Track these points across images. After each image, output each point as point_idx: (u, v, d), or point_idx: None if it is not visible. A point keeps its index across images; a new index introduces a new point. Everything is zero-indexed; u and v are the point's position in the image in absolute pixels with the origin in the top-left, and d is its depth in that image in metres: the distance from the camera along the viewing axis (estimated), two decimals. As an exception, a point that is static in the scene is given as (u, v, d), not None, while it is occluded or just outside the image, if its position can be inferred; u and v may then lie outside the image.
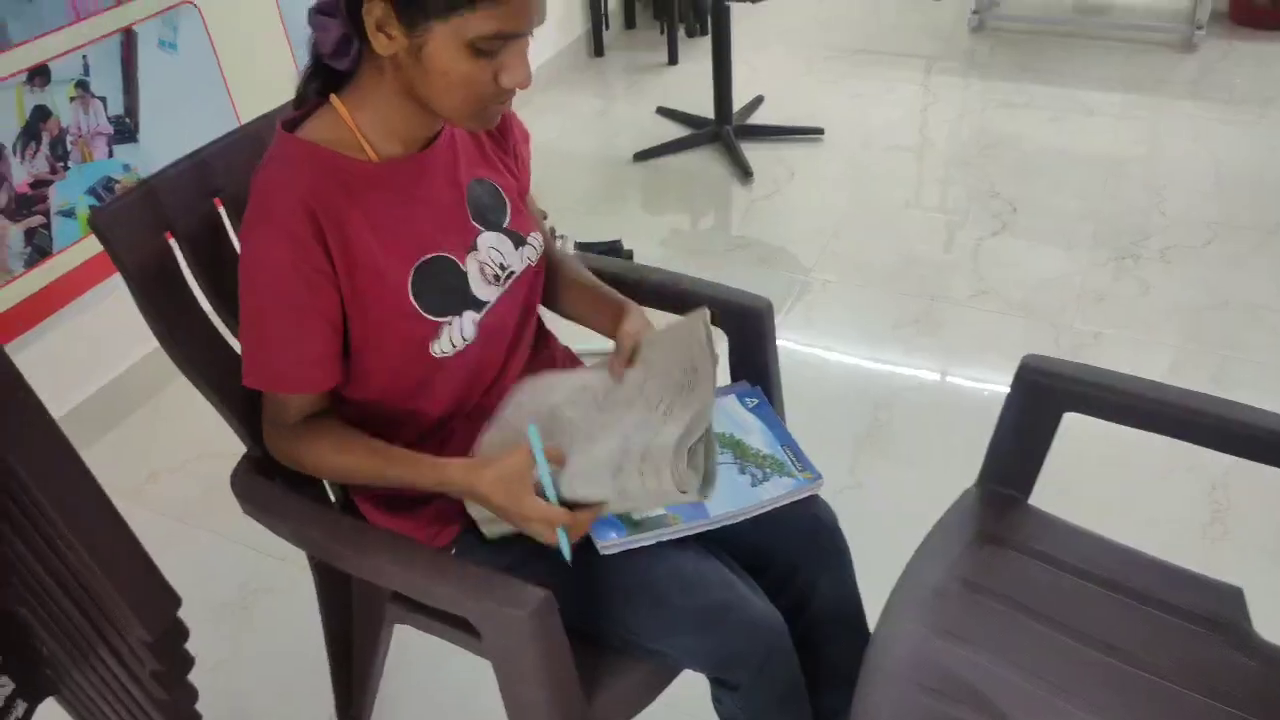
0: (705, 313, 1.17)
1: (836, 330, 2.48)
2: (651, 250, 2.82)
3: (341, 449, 1.09)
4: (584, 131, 3.58)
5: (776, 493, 1.17)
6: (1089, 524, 1.31)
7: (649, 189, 3.20)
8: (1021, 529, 1.30)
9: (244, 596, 1.88)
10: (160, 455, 2.24)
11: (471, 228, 1.15)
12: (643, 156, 3.33)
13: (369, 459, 1.08)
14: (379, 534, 1.13)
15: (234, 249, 1.17)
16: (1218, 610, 1.21)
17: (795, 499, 1.19)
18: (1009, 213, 2.88)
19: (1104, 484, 1.96)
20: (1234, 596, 1.23)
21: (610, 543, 1.10)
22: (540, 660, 1.01)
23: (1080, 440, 1.52)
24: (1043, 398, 1.25)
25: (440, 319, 1.10)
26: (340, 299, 1.05)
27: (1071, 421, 1.27)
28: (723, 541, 1.17)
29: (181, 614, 0.82)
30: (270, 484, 1.18)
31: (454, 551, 1.18)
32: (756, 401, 1.32)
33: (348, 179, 1.05)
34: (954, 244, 2.77)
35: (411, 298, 1.08)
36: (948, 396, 2.26)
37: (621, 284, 1.36)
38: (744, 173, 3.17)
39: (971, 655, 1.15)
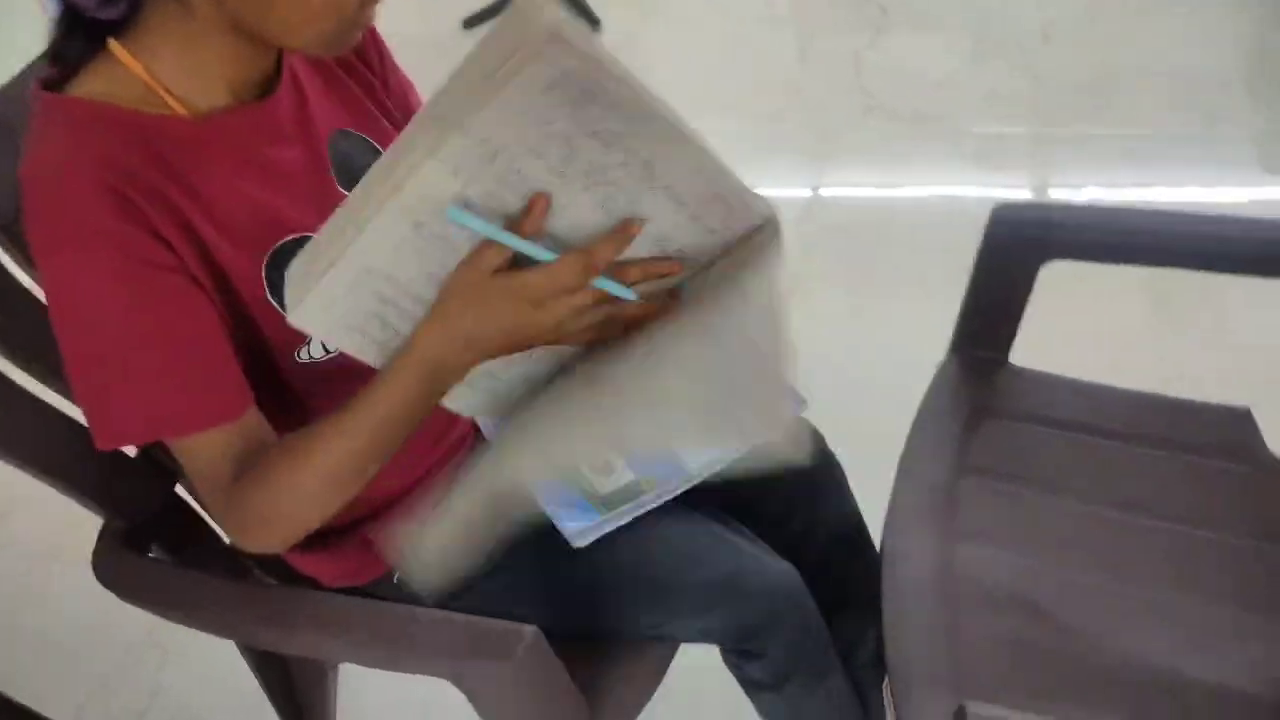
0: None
1: (759, 167, 2.28)
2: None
3: (308, 448, 0.77)
4: (400, 2, 3.16)
5: None
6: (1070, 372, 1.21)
7: (487, 60, 2.86)
8: (1011, 394, 1.18)
9: (152, 632, 1.65)
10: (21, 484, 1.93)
11: (338, 194, 0.89)
12: (474, 22, 2.97)
13: (341, 428, 0.76)
14: (306, 601, 0.91)
15: (13, 278, 0.90)
16: (1231, 437, 1.13)
17: None
18: (880, 17, 2.69)
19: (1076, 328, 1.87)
20: (1243, 419, 1.15)
21: (582, 530, 0.92)
22: (538, 706, 0.85)
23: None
24: (1021, 250, 1.11)
25: None
26: (201, 287, 0.78)
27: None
28: (707, 496, 1.01)
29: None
30: (145, 560, 0.94)
31: (396, 579, 0.99)
32: None
33: (158, 145, 0.76)
34: (833, 61, 2.57)
35: (269, 294, 0.83)
36: (864, 226, 2.12)
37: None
38: (590, 21, 2.87)
39: (995, 553, 1.05)
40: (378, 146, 0.92)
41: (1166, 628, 0.99)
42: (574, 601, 0.96)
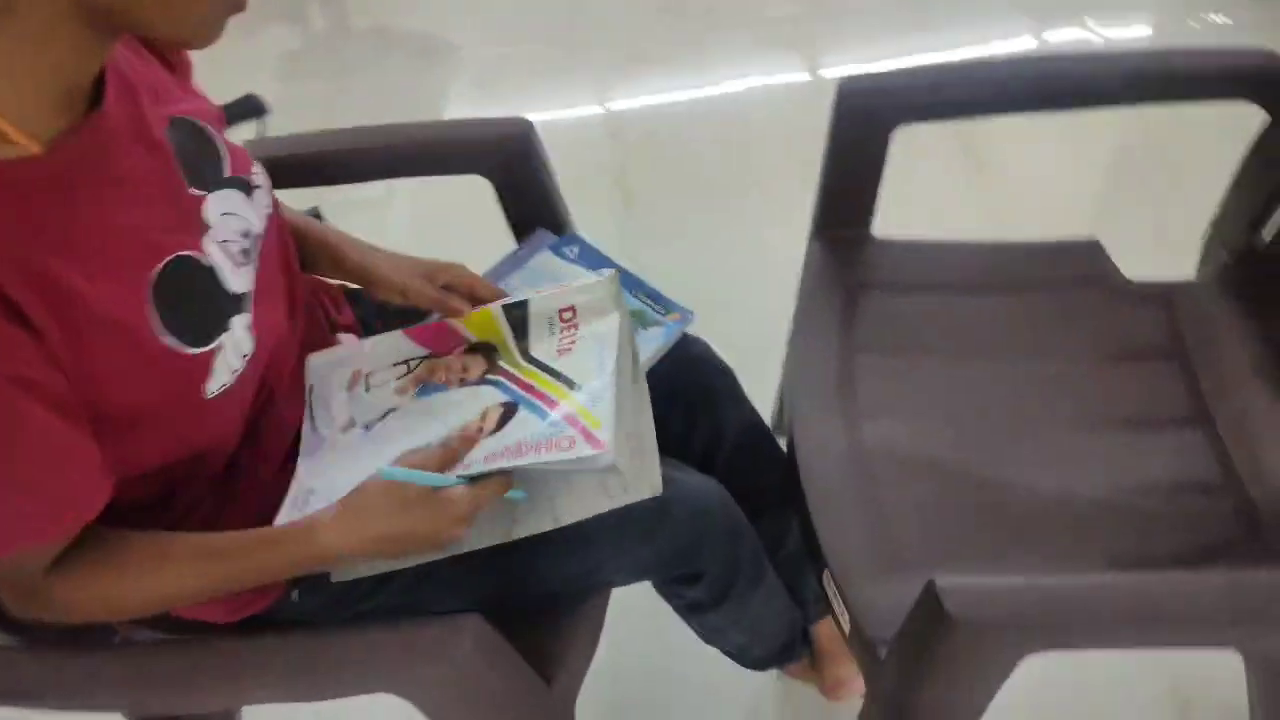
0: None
1: (557, 92, 2.19)
2: (272, 87, 2.31)
3: (156, 563, 0.76)
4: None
5: (650, 350, 0.98)
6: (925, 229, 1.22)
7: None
8: (881, 266, 1.18)
9: None
10: None
11: (191, 198, 0.77)
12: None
13: (196, 564, 0.77)
14: (214, 649, 0.79)
15: None
16: (1089, 268, 1.17)
17: (670, 346, 1.00)
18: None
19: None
20: (1094, 249, 1.19)
21: None
22: (495, 695, 0.79)
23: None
24: (873, 118, 1.09)
25: (205, 347, 0.75)
26: (64, 376, 0.66)
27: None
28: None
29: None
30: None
31: (295, 597, 0.89)
32: (577, 248, 1.07)
33: (19, 197, 0.63)
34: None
35: (158, 333, 0.71)
36: (683, 130, 2.09)
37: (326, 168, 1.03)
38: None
39: (899, 425, 1.05)
40: (203, 126, 0.81)
41: (1064, 459, 1.02)
42: (500, 573, 0.90)
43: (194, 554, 0.76)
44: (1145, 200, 1.92)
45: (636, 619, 1.15)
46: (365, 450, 0.85)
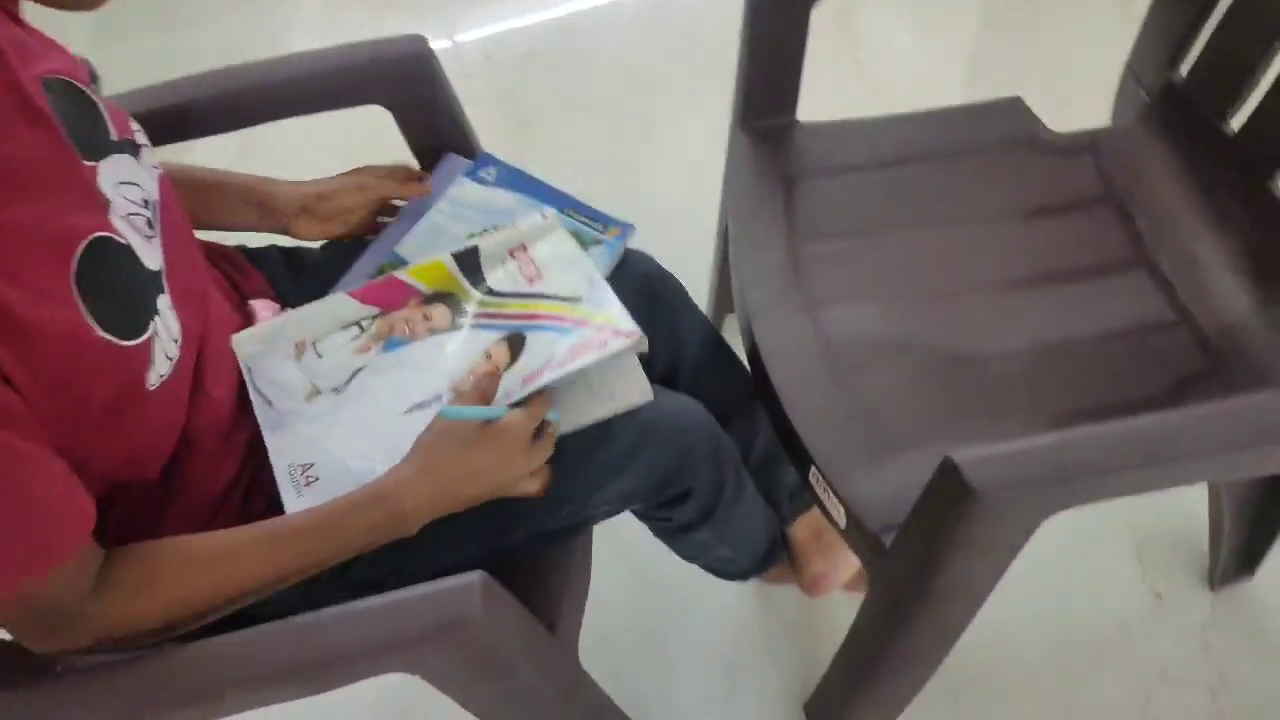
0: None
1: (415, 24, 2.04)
2: (90, 51, 2.09)
3: (202, 560, 0.70)
4: None
5: (599, 271, 0.91)
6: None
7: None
8: (811, 152, 1.14)
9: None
10: None
11: (85, 170, 0.67)
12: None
13: (264, 549, 0.71)
14: (207, 654, 0.69)
15: None
16: (1015, 126, 1.16)
17: (616, 264, 0.94)
18: None
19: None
20: (1017, 106, 1.18)
21: None
22: (509, 653, 0.73)
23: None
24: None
25: (141, 337, 0.65)
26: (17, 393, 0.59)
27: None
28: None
29: None
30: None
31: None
32: (494, 170, 0.99)
33: None
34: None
35: (95, 328, 0.62)
36: (561, 49, 1.99)
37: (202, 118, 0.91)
38: None
39: (857, 310, 1.03)
40: (79, 85, 0.71)
41: (1021, 318, 1.02)
42: (484, 523, 0.83)
43: (261, 540, 0.72)
44: (1027, 55, 1.93)
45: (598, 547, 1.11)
46: (351, 411, 0.78)
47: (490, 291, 0.84)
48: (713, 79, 1.85)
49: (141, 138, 0.77)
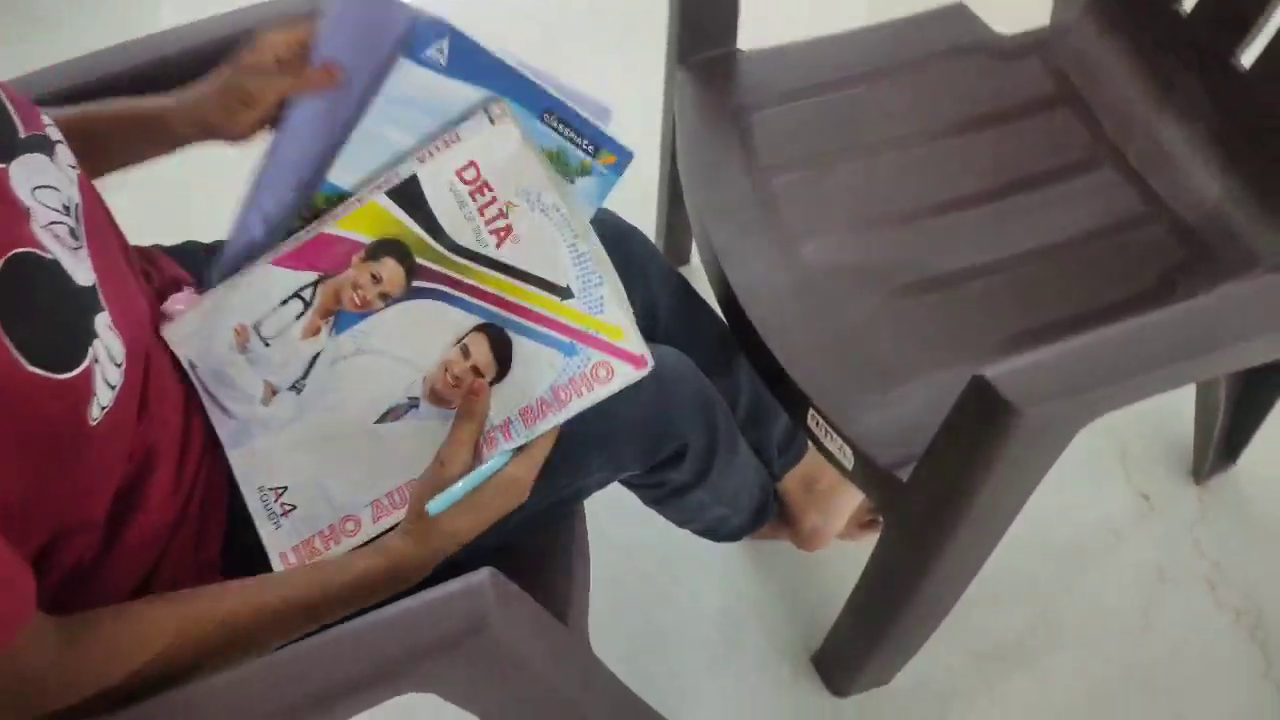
0: None
1: None
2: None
3: (185, 614, 0.61)
4: None
5: (586, 212, 0.78)
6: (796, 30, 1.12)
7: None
8: (759, 81, 1.07)
9: None
10: None
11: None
12: None
13: (245, 599, 0.62)
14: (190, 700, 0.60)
15: None
16: (960, 33, 1.11)
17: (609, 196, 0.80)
18: None
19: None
20: (960, 12, 1.13)
21: None
22: (534, 654, 0.65)
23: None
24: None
25: (78, 367, 0.55)
26: None
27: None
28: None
29: None
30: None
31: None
32: (445, 45, 0.71)
33: None
34: None
35: (21, 361, 0.52)
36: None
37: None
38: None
39: (832, 238, 0.97)
40: None
41: (998, 229, 0.98)
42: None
43: (233, 595, 0.62)
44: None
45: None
46: (316, 419, 0.69)
47: (454, 248, 0.69)
48: (614, 19, 1.79)
49: (55, 133, 0.65)
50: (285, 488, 0.69)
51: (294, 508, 0.69)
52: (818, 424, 0.89)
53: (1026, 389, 0.66)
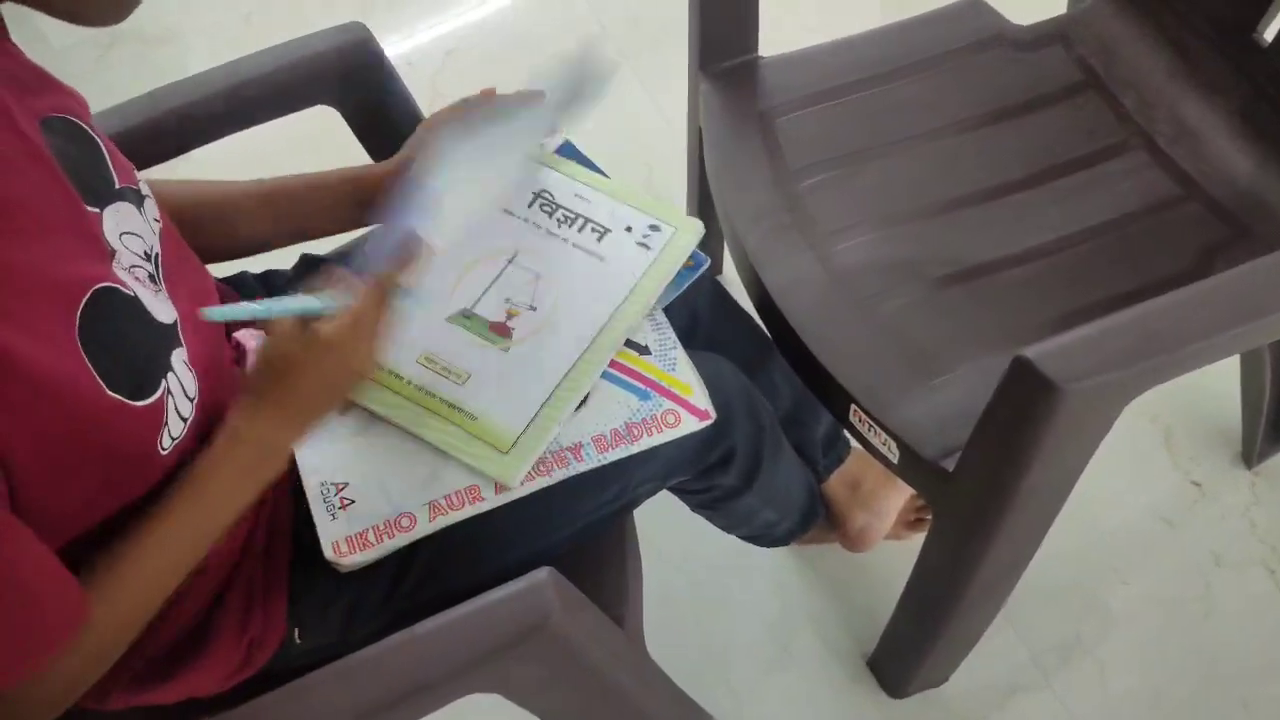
0: None
1: None
2: None
3: (125, 558, 0.59)
4: None
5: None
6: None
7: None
8: (784, 85, 1.09)
9: None
10: None
11: (89, 217, 0.60)
12: None
13: (164, 522, 0.61)
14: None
15: None
16: (978, 26, 1.12)
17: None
18: None
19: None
20: (978, 6, 1.14)
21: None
22: (596, 657, 0.66)
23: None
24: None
25: (153, 396, 0.59)
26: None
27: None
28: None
29: None
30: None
31: (298, 639, 0.74)
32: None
33: None
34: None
35: (106, 387, 0.56)
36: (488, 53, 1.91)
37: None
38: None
39: (865, 237, 0.98)
40: (82, 125, 0.64)
41: (1032, 218, 0.98)
42: (528, 526, 0.77)
43: (155, 533, 0.60)
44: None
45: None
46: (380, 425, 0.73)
47: None
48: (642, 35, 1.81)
49: (145, 188, 0.70)
50: (347, 483, 0.73)
51: (352, 502, 0.73)
52: (861, 420, 0.89)
53: (1068, 366, 0.66)
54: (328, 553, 0.71)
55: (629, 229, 0.85)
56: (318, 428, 0.68)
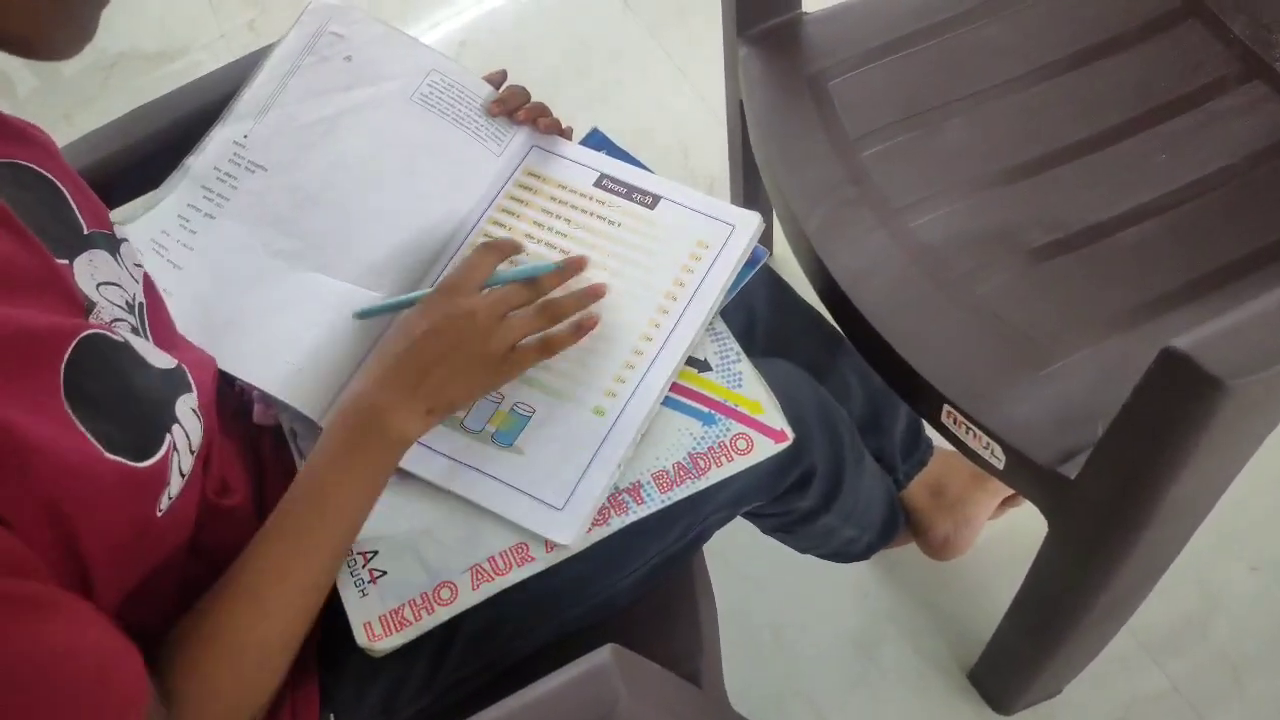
0: None
1: None
2: None
3: (246, 602, 0.55)
4: None
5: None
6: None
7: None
8: (833, 43, 0.96)
9: None
10: None
11: (58, 270, 0.52)
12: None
13: (264, 557, 0.56)
14: None
15: None
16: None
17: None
18: None
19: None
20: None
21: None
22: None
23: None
24: None
25: (157, 453, 0.51)
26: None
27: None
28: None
29: None
30: None
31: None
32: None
33: None
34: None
35: (104, 449, 0.48)
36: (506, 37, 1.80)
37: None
38: None
39: (941, 209, 0.85)
40: (39, 170, 0.56)
41: (1139, 168, 0.85)
42: (594, 572, 0.66)
43: (269, 559, 0.56)
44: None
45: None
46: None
47: None
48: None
49: (121, 231, 0.61)
50: (375, 552, 0.63)
51: (384, 574, 0.63)
52: (957, 422, 0.77)
53: (1232, 359, 0.53)
54: (360, 638, 0.62)
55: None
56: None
